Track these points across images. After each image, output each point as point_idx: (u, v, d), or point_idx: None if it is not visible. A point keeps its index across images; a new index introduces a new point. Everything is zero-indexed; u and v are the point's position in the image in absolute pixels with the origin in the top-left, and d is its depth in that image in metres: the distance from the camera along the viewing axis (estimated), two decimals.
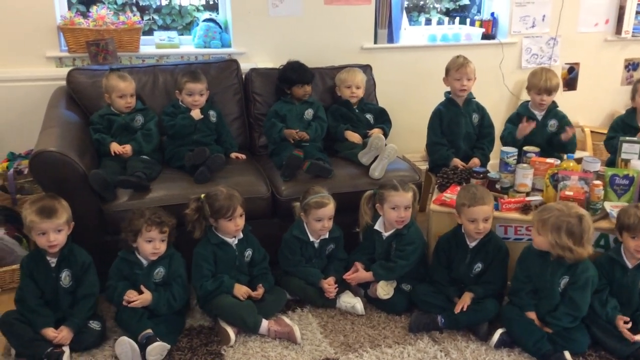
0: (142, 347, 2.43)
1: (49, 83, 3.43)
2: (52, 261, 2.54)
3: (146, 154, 3.11)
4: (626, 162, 3.08)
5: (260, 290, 2.77)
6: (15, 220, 3.09)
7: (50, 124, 2.98)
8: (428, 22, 4.52)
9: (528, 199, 2.92)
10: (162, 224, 2.60)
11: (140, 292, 2.60)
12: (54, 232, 2.47)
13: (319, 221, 2.87)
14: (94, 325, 2.57)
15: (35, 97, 3.41)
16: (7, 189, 3.29)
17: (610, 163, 3.35)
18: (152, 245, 2.61)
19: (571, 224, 2.46)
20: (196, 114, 3.23)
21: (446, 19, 4.47)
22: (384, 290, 2.81)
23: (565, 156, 3.15)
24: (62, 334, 2.46)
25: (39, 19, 3.46)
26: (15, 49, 3.46)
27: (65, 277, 2.55)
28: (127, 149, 3.05)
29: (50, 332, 2.46)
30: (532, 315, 2.60)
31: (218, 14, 3.97)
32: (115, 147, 3.03)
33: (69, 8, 3.69)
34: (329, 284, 2.84)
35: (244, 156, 3.40)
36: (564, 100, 3.65)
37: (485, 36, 4.32)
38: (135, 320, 2.54)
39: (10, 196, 3.28)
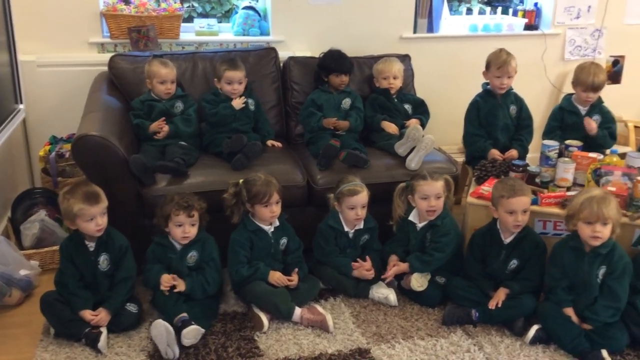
0: (178, 330, 2.46)
1: (91, 68, 3.48)
2: (91, 245, 2.58)
3: (184, 140, 3.14)
4: None
5: (295, 276, 2.78)
6: (56, 203, 3.15)
7: (92, 108, 3.03)
8: (469, 11, 4.44)
9: (569, 193, 2.85)
10: (189, 208, 2.62)
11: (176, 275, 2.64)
12: (101, 215, 2.52)
13: (352, 209, 2.86)
14: (131, 307, 2.62)
15: (78, 82, 3.47)
16: (49, 171, 3.37)
17: None
18: (181, 229, 2.64)
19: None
20: (237, 103, 3.24)
21: (488, 8, 4.39)
22: (418, 282, 2.79)
23: (608, 151, 3.07)
24: (100, 316, 2.51)
25: (82, 5, 3.51)
26: (59, 34, 3.52)
27: (103, 260, 2.59)
28: (165, 128, 3.08)
29: (87, 315, 2.51)
30: (569, 311, 2.55)
31: (257, 1, 3.97)
32: (153, 126, 3.07)
33: None
34: (360, 269, 2.85)
35: (280, 144, 3.40)
36: (608, 94, 3.55)
37: (527, 27, 4.22)
38: (172, 304, 2.58)
39: (52, 179, 3.36)
